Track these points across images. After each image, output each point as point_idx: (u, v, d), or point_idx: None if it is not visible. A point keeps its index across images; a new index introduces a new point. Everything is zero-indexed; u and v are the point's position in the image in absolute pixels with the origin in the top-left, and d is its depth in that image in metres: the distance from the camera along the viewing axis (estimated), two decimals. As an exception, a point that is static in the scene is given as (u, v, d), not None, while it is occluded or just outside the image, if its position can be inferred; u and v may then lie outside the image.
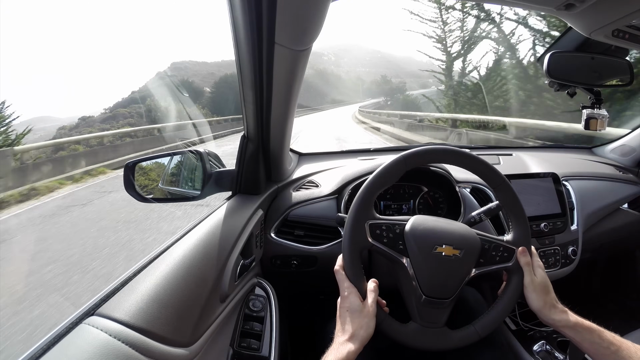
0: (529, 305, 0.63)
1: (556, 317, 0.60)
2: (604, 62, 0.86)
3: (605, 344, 0.56)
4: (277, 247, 0.92)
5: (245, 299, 0.77)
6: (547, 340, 0.92)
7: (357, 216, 0.63)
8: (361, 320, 0.56)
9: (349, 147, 1.71)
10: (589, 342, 0.57)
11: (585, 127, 0.92)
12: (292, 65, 0.62)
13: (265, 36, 0.55)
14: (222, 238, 0.69)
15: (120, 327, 0.42)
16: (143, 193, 0.83)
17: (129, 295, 0.47)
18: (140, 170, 0.84)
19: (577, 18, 0.66)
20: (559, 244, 0.99)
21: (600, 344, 0.56)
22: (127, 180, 0.80)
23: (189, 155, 0.89)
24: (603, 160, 1.37)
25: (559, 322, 0.60)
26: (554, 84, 0.91)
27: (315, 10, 0.50)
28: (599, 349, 0.56)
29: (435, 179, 1.02)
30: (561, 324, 0.60)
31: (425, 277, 0.61)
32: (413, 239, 0.62)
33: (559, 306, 0.62)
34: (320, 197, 0.99)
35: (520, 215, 0.69)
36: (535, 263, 0.65)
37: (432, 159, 0.71)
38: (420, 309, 0.62)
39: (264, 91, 0.69)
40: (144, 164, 0.86)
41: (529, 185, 1.04)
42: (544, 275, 0.64)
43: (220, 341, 0.65)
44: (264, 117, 0.77)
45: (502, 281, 0.68)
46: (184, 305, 0.53)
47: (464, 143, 7.95)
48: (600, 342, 0.56)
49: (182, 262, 0.57)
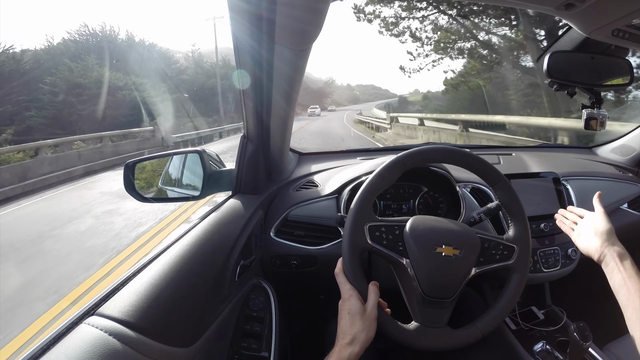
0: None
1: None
2: (604, 62, 0.86)
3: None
4: (277, 247, 0.92)
5: (245, 299, 0.77)
6: (547, 340, 0.92)
7: (356, 219, 0.63)
8: (362, 323, 0.56)
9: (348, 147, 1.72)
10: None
11: (586, 127, 0.92)
12: (292, 65, 0.62)
13: (265, 36, 0.55)
14: (222, 238, 0.69)
15: (120, 327, 0.42)
16: (143, 193, 0.83)
17: (129, 295, 0.47)
18: (140, 170, 0.84)
19: (577, 18, 0.66)
20: (559, 244, 0.99)
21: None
22: (127, 180, 0.80)
23: (189, 155, 0.89)
24: (603, 160, 1.36)
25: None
26: (554, 83, 0.90)
27: (315, 10, 0.50)
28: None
29: (435, 179, 1.01)
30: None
31: (425, 277, 0.61)
32: (413, 240, 0.62)
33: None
34: (320, 197, 0.99)
35: (519, 212, 0.69)
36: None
37: (431, 158, 0.71)
38: (421, 309, 0.62)
39: (264, 91, 0.69)
40: (144, 163, 0.86)
41: (529, 185, 1.04)
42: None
43: (220, 341, 0.65)
44: (264, 117, 0.77)
45: (502, 280, 0.68)
46: (184, 305, 0.53)
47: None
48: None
49: (182, 262, 0.57)
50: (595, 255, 0.70)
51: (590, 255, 0.72)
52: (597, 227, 0.72)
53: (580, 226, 0.77)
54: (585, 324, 0.70)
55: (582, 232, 0.75)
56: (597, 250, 0.70)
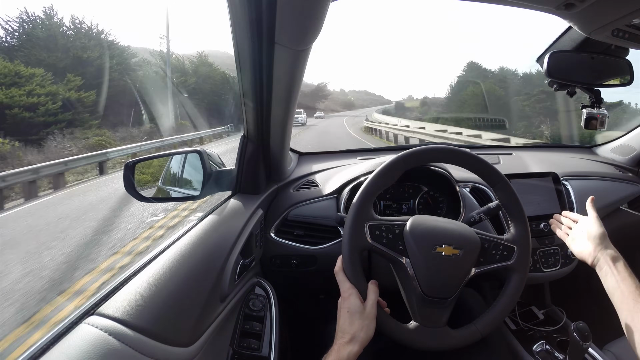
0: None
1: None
2: (604, 62, 0.86)
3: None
4: (276, 246, 0.92)
5: (245, 298, 0.77)
6: (547, 340, 0.92)
7: (356, 217, 0.63)
8: (362, 322, 0.56)
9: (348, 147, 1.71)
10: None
11: (586, 126, 0.92)
12: (292, 65, 0.62)
13: (265, 36, 0.55)
14: (222, 238, 0.69)
15: (120, 327, 0.42)
16: (143, 193, 0.83)
17: (129, 294, 0.47)
18: (140, 170, 0.84)
19: (577, 18, 0.66)
20: (559, 244, 0.99)
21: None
22: (127, 180, 0.80)
23: (189, 154, 0.89)
24: (603, 159, 1.36)
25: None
26: (554, 83, 0.90)
27: (315, 10, 0.50)
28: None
29: (435, 179, 1.01)
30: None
31: (425, 277, 0.61)
32: (413, 239, 0.62)
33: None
34: (320, 196, 0.99)
35: (519, 213, 0.69)
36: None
37: (432, 158, 0.71)
38: (420, 309, 0.62)
39: (264, 91, 0.69)
40: (144, 163, 0.86)
41: (529, 185, 1.04)
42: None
43: (220, 341, 0.65)
44: (264, 117, 0.77)
45: (502, 280, 0.68)
46: (183, 305, 0.53)
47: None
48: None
49: (182, 262, 0.57)
50: (589, 260, 0.71)
51: (584, 259, 0.72)
52: (590, 232, 0.72)
53: (574, 231, 0.78)
54: (585, 324, 0.70)
55: (576, 237, 0.76)
56: (590, 254, 0.70)
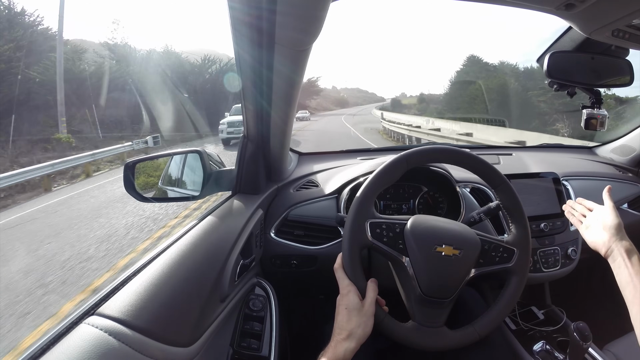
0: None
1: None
2: (604, 62, 0.86)
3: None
4: (277, 246, 0.92)
5: (245, 298, 0.77)
6: (546, 340, 0.92)
7: (357, 214, 0.63)
8: (359, 318, 0.56)
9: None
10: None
11: (586, 127, 0.92)
12: (292, 65, 0.62)
13: (265, 36, 0.55)
14: (222, 238, 0.69)
15: (120, 327, 0.42)
16: (143, 193, 0.83)
17: (129, 294, 0.47)
18: (140, 170, 0.84)
19: (577, 18, 0.66)
20: (559, 244, 0.99)
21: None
22: (127, 180, 0.80)
23: (189, 155, 0.89)
24: (603, 160, 1.36)
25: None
26: (554, 84, 0.90)
27: (315, 10, 0.50)
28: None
29: (435, 179, 1.01)
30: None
31: (424, 276, 0.61)
32: (413, 239, 0.62)
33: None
34: (320, 196, 0.99)
35: (520, 215, 0.69)
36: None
37: (433, 158, 0.71)
38: (419, 309, 0.62)
39: (264, 91, 0.69)
40: (144, 163, 0.86)
41: (529, 185, 1.04)
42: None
43: (220, 341, 0.65)
44: (264, 117, 0.77)
45: (502, 280, 0.68)
46: (183, 305, 0.53)
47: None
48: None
49: (182, 262, 0.57)
50: (602, 250, 0.68)
51: (597, 249, 0.70)
52: (606, 221, 0.70)
53: (589, 219, 0.75)
54: (585, 324, 0.70)
55: (591, 226, 0.74)
56: (604, 244, 0.68)
